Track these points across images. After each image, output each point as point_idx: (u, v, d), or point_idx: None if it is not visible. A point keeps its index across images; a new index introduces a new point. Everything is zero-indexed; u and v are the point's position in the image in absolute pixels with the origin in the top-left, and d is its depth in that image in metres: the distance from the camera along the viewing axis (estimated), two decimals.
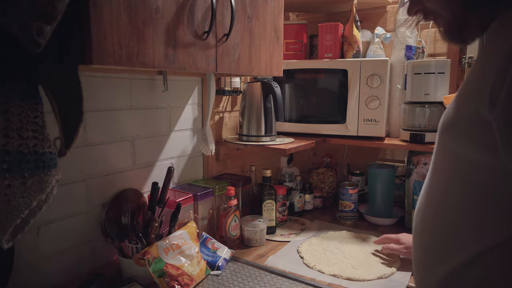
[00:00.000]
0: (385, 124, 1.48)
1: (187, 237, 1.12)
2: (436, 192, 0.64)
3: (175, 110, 1.32)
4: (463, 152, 0.57)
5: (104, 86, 1.08)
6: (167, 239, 1.07)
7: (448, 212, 0.61)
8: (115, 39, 0.71)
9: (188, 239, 1.11)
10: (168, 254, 1.04)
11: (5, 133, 0.64)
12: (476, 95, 0.53)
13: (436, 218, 0.63)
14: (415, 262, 0.70)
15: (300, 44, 1.65)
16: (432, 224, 0.64)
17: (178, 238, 1.09)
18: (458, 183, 0.59)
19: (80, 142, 1.04)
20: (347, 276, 1.11)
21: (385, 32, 1.57)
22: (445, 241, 0.61)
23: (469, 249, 0.57)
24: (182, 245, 1.08)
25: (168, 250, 1.05)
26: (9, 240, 0.68)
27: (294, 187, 1.69)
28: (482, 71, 0.54)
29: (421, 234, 0.67)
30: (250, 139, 1.43)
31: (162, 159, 1.29)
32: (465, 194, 0.58)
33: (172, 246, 1.06)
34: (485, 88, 0.50)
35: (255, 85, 1.42)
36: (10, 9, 0.58)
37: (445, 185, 0.62)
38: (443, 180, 0.63)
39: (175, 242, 1.07)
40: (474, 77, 0.57)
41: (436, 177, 0.65)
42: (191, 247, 1.10)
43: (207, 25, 0.91)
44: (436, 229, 0.63)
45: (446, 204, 0.61)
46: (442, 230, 0.62)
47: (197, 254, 1.10)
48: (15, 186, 0.64)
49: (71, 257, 1.05)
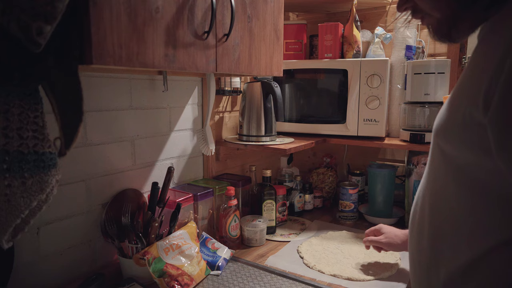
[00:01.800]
0: (385, 124, 1.48)
1: (187, 237, 1.12)
2: (432, 194, 0.64)
3: (175, 110, 1.32)
4: (458, 155, 0.57)
5: (104, 86, 1.08)
6: (167, 239, 1.07)
7: (444, 214, 0.60)
8: (115, 39, 0.71)
9: (188, 239, 1.11)
10: (168, 254, 1.04)
11: (5, 133, 0.64)
12: (470, 98, 0.53)
13: (433, 220, 0.63)
14: (413, 264, 0.70)
15: (300, 44, 1.65)
16: (429, 226, 0.64)
17: (178, 238, 1.09)
18: (453, 185, 0.59)
19: (80, 142, 1.04)
20: (347, 276, 1.11)
21: (385, 32, 1.57)
22: (442, 244, 0.61)
23: (466, 252, 0.57)
24: (182, 245, 1.08)
25: (168, 250, 1.05)
26: (9, 240, 0.68)
27: (294, 187, 1.69)
28: (475, 74, 0.54)
29: (418, 236, 0.67)
30: (250, 139, 1.43)
31: (162, 159, 1.29)
32: (460, 196, 0.58)
33: (172, 246, 1.06)
34: (479, 91, 0.50)
35: (255, 85, 1.42)
36: (10, 9, 0.58)
37: (441, 188, 0.62)
38: (438, 182, 0.62)
39: (175, 242, 1.07)
40: (467, 80, 0.57)
41: (431, 179, 0.65)
42: (191, 247, 1.10)
43: (207, 25, 0.91)
44: (433, 231, 0.63)
45: (442, 206, 0.61)
46: (439, 232, 0.61)
47: (197, 254, 1.10)
48: (15, 186, 0.64)
49: (71, 257, 1.05)
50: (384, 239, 1.15)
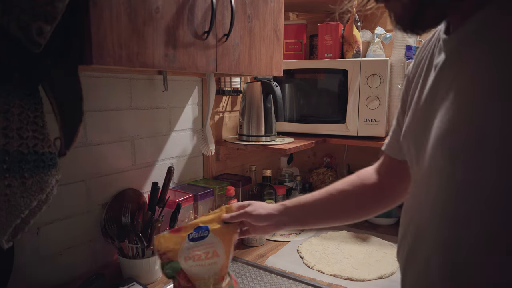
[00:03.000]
0: (385, 124, 1.48)
1: (219, 247, 0.87)
2: (420, 193, 0.63)
3: (175, 110, 1.32)
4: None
5: (104, 86, 1.08)
6: (192, 246, 0.86)
7: (428, 209, 0.59)
8: (115, 39, 0.71)
9: (220, 251, 0.87)
10: (188, 262, 0.86)
11: (5, 133, 0.64)
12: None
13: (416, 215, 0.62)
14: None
15: (300, 44, 1.65)
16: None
17: (207, 246, 0.87)
18: (437, 180, 0.57)
19: (80, 142, 1.04)
20: (347, 276, 1.11)
21: (385, 32, 1.57)
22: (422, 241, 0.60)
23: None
24: (205, 259, 0.86)
25: (188, 258, 0.86)
26: (9, 240, 0.68)
27: (294, 187, 1.69)
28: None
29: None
30: (250, 139, 1.43)
31: (162, 159, 1.29)
32: (443, 190, 0.54)
33: (194, 257, 0.86)
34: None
35: (255, 85, 1.42)
36: (10, 9, 0.58)
37: (427, 187, 0.60)
38: (425, 181, 0.61)
39: (198, 252, 0.86)
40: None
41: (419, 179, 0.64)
42: (216, 263, 0.86)
43: (207, 25, 0.91)
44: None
45: (426, 201, 0.60)
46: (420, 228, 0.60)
47: (219, 271, 0.85)
48: (15, 186, 0.64)
49: (71, 257, 1.04)
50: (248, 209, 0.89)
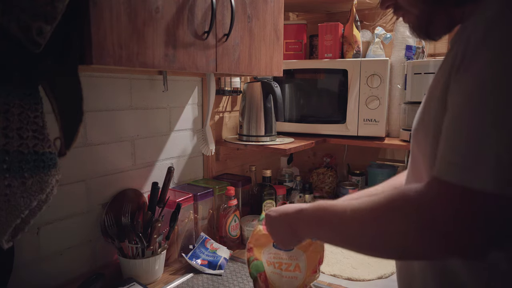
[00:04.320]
0: (385, 124, 1.48)
1: (302, 261, 0.84)
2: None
3: (175, 110, 1.32)
4: (432, 152, 0.56)
5: (104, 86, 1.08)
6: (276, 252, 0.86)
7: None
8: (115, 39, 0.71)
9: (302, 266, 0.84)
10: (269, 267, 0.85)
11: (5, 133, 0.64)
12: (440, 89, 0.54)
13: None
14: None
15: (300, 44, 1.65)
16: None
17: (291, 257, 0.85)
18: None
19: (80, 142, 1.04)
20: (347, 276, 1.11)
21: (385, 32, 1.57)
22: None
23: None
24: (285, 270, 0.84)
25: (270, 263, 0.85)
26: (9, 240, 0.68)
27: (294, 187, 1.69)
28: (443, 68, 0.56)
29: None
30: (250, 139, 1.43)
31: (162, 159, 1.29)
32: None
33: (275, 264, 0.84)
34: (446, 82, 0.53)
35: (255, 85, 1.42)
36: (10, 9, 0.58)
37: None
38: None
39: (281, 261, 0.85)
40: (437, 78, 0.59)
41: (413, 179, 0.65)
42: (296, 278, 0.83)
43: (207, 25, 0.91)
44: None
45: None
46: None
47: None
48: (15, 186, 0.64)
49: (71, 257, 1.05)
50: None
